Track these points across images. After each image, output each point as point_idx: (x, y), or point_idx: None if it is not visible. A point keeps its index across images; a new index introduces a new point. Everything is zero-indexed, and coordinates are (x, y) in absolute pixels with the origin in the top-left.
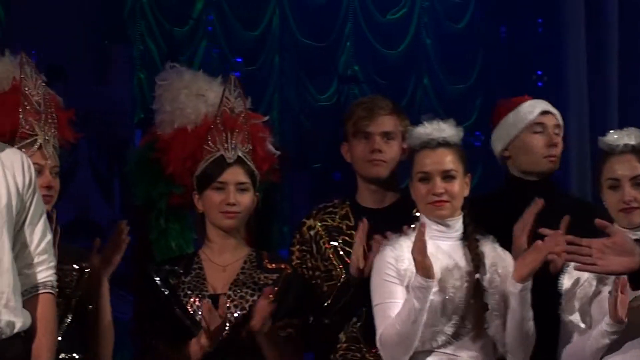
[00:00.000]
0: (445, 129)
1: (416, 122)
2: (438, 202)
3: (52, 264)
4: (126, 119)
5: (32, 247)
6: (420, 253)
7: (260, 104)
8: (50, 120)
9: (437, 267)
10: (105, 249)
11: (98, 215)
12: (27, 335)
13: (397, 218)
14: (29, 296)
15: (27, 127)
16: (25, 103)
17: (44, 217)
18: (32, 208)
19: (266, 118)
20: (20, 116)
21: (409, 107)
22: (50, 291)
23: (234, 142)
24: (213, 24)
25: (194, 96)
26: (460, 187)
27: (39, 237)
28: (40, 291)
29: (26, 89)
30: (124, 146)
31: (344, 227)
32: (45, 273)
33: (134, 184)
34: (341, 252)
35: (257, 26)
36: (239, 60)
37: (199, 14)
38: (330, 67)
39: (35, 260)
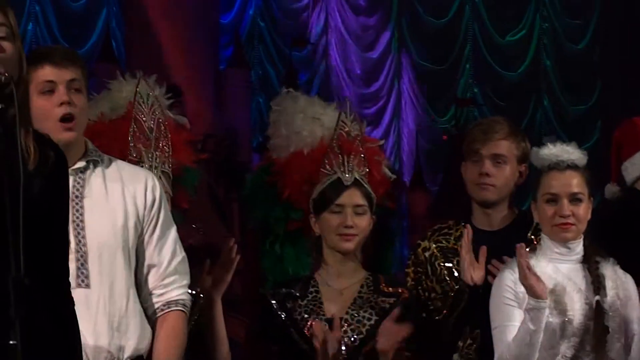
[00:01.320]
0: (573, 152)
1: (536, 143)
2: (564, 225)
3: (185, 282)
4: (244, 143)
5: (162, 268)
6: (525, 278)
7: (379, 127)
8: (162, 146)
9: (556, 289)
10: (215, 268)
11: (217, 239)
12: (150, 356)
13: (512, 240)
14: (160, 314)
15: (135, 154)
16: (136, 129)
17: (173, 236)
18: (157, 229)
19: (382, 142)
20: (130, 143)
21: (528, 129)
22: (182, 309)
23: (350, 165)
24: (332, 47)
25: (309, 120)
26: (586, 211)
27: (169, 257)
28: (172, 309)
29: (139, 114)
30: (243, 170)
31: (459, 248)
32: (176, 292)
33: (251, 208)
34: (456, 274)
35: (376, 49)
36: (357, 83)
37: (318, 38)
38: (449, 90)
39: (166, 280)
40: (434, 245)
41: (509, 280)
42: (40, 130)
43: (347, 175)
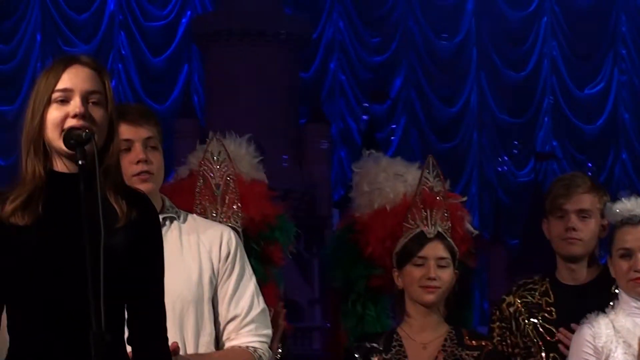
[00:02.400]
0: None
1: (615, 197)
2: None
3: (263, 332)
4: (324, 198)
5: (239, 320)
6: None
7: (459, 180)
8: (228, 202)
9: (635, 343)
10: None
11: (297, 295)
12: None
13: (597, 295)
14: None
15: (199, 210)
16: (202, 187)
17: (252, 289)
18: (232, 281)
19: (464, 198)
20: (196, 200)
21: (607, 182)
22: (253, 354)
23: (433, 218)
24: (412, 101)
25: (392, 177)
26: None
27: (246, 309)
28: (240, 346)
29: (207, 171)
30: (323, 225)
31: (544, 303)
32: (249, 338)
33: (332, 267)
34: (541, 329)
35: (456, 103)
36: (434, 138)
37: (398, 92)
38: (528, 143)
39: (242, 330)
40: (518, 301)
41: (587, 335)
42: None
43: (430, 228)
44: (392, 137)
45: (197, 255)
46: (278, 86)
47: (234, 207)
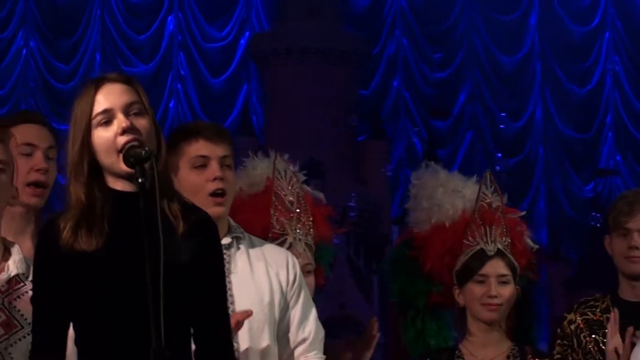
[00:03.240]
0: None
1: None
2: None
3: (323, 356)
4: (384, 216)
5: (307, 343)
6: None
7: (525, 195)
8: (302, 219)
9: None
10: (356, 345)
11: (357, 312)
12: None
13: None
14: None
15: (278, 227)
16: (277, 203)
17: (315, 313)
18: (299, 306)
19: (523, 213)
20: (272, 216)
21: None
22: None
23: (493, 235)
24: (475, 117)
25: (450, 192)
26: None
27: (313, 333)
28: None
29: (278, 188)
30: (382, 243)
31: (605, 320)
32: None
33: (391, 282)
34: (602, 346)
35: (521, 118)
36: (499, 155)
37: (461, 108)
38: (592, 158)
39: (310, 354)
40: (579, 318)
41: None
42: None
43: (490, 246)
44: (457, 153)
45: (267, 276)
46: (337, 103)
47: (308, 224)
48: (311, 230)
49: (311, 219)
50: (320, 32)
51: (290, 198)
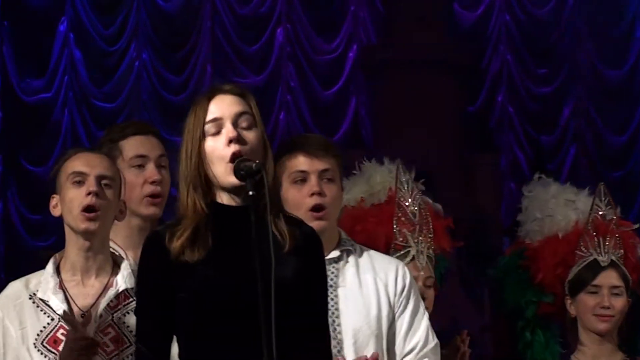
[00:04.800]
0: None
1: None
2: None
3: None
4: (494, 228)
5: (414, 354)
6: None
7: (631, 208)
8: (425, 231)
9: None
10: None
11: (468, 323)
12: None
13: None
14: None
15: (401, 239)
16: (400, 214)
17: (426, 324)
18: (407, 316)
19: (637, 225)
20: (395, 228)
21: None
22: None
23: (606, 246)
24: (581, 131)
25: (562, 204)
26: None
27: (421, 344)
28: None
29: (401, 199)
30: (493, 255)
31: None
32: None
33: (503, 292)
34: None
35: (625, 131)
36: (604, 166)
37: (566, 121)
38: None
39: None
40: None
41: None
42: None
43: (603, 257)
44: (563, 166)
45: (375, 289)
46: (446, 115)
47: (429, 236)
48: (432, 242)
49: (432, 231)
50: (428, 44)
51: (413, 209)
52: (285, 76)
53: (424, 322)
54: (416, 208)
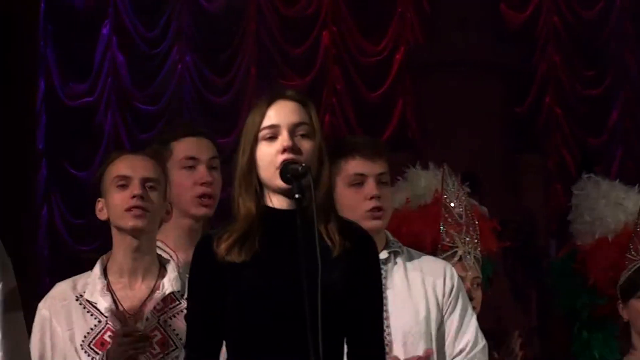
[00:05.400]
0: None
1: None
2: None
3: None
4: (541, 229)
5: (464, 355)
6: None
7: None
8: (471, 232)
9: None
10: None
11: (516, 326)
12: None
13: None
14: None
15: (448, 239)
16: (446, 215)
17: (476, 324)
18: (455, 317)
19: None
20: (441, 228)
21: None
22: None
23: None
24: (629, 134)
25: (612, 205)
26: None
27: (471, 345)
28: None
29: (447, 201)
30: (540, 256)
31: None
32: None
33: (556, 295)
34: None
35: None
36: None
37: (614, 123)
38: None
39: None
40: None
41: None
42: (347, 218)
43: None
44: (610, 169)
45: (423, 290)
46: (493, 117)
47: (476, 237)
48: (479, 243)
49: (478, 232)
50: (475, 45)
51: (459, 211)
52: (330, 78)
53: (472, 323)
54: (462, 209)
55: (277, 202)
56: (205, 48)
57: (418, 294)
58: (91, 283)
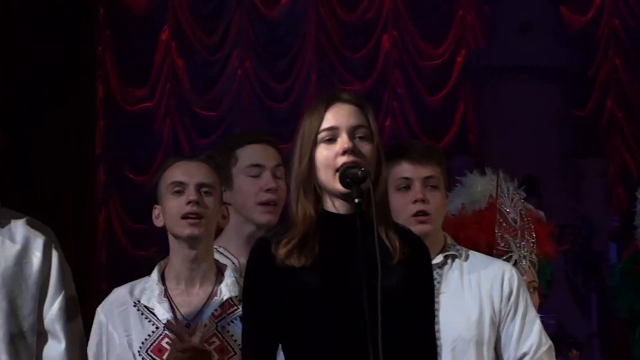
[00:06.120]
0: None
1: None
2: None
3: None
4: (601, 233)
5: (528, 358)
6: None
7: None
8: (527, 236)
9: None
10: None
11: (576, 330)
12: None
13: None
14: None
15: (503, 244)
16: (501, 220)
17: (538, 327)
18: (516, 321)
19: None
20: (496, 233)
21: None
22: None
23: None
24: None
25: None
26: None
27: (535, 347)
28: None
29: (502, 206)
30: (600, 260)
31: None
32: None
33: (618, 298)
34: None
35: None
36: None
37: None
38: None
39: None
40: None
41: None
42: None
43: None
44: None
45: (478, 294)
46: (552, 121)
47: (531, 242)
48: (535, 247)
49: (534, 236)
50: (535, 50)
51: (514, 215)
52: (391, 82)
53: (536, 325)
54: (517, 214)
55: (336, 206)
56: (264, 54)
57: (472, 297)
58: (149, 289)
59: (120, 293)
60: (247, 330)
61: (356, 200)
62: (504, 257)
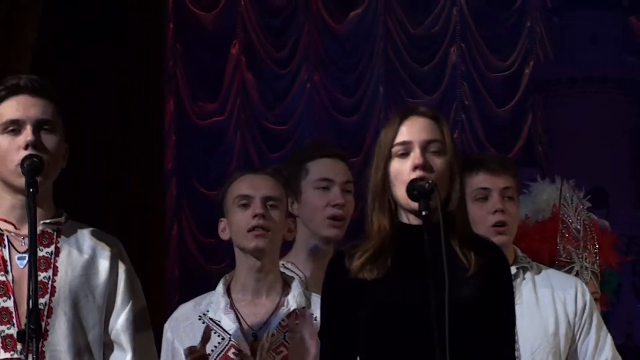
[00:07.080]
0: None
1: None
2: None
3: None
4: None
5: None
6: None
7: None
8: (589, 247)
9: None
10: None
11: None
12: None
13: None
14: None
15: (565, 255)
16: (564, 230)
17: (610, 339)
18: (592, 334)
19: None
20: (559, 244)
21: None
22: None
23: None
24: None
25: None
26: None
27: None
28: None
29: (565, 216)
30: None
31: None
32: None
33: None
34: None
35: None
36: None
37: None
38: None
39: None
40: None
41: None
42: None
43: None
44: None
45: (553, 306)
46: (620, 132)
47: (594, 252)
48: (597, 258)
49: (597, 246)
50: (604, 60)
51: (577, 226)
52: (459, 95)
53: (609, 338)
54: (580, 225)
55: (409, 219)
56: (333, 68)
57: (547, 309)
58: (214, 301)
59: (185, 308)
60: (325, 342)
61: (423, 213)
62: (566, 269)
